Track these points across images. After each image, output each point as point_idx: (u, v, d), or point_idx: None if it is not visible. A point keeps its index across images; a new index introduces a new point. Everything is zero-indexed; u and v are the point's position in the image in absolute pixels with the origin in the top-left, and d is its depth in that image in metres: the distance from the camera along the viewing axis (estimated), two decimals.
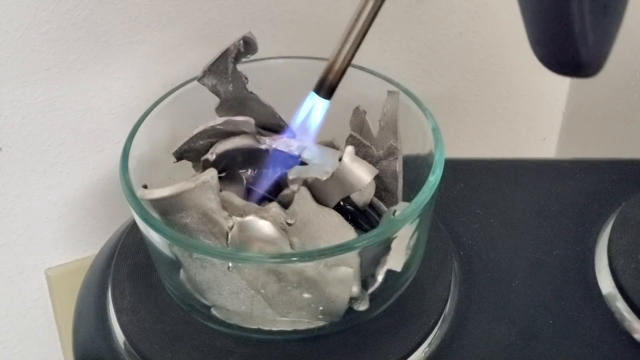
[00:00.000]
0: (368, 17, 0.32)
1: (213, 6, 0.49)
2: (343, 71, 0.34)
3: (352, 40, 0.33)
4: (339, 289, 0.33)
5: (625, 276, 0.38)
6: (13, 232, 0.50)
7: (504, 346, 0.36)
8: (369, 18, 0.32)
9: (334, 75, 0.33)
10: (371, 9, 0.32)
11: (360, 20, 0.33)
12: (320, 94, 0.34)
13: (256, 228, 0.33)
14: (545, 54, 0.25)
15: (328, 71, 0.33)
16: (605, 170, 0.46)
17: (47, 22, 0.44)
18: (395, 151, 0.38)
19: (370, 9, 0.32)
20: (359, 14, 0.33)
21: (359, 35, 0.33)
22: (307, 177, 0.35)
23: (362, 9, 0.32)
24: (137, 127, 0.37)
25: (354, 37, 0.33)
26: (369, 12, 0.32)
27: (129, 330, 0.36)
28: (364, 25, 0.33)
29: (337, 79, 0.34)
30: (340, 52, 0.33)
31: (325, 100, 0.34)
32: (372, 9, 0.32)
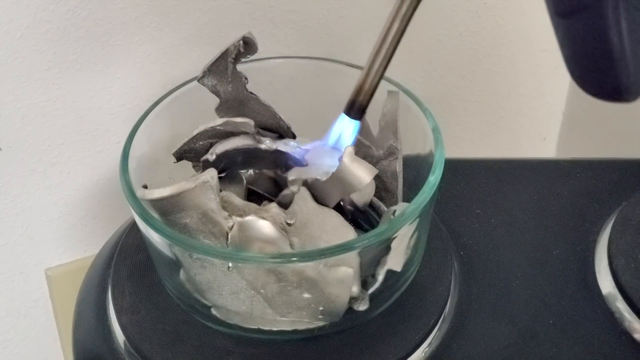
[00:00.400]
0: (396, 35, 0.32)
1: (213, 6, 0.49)
2: (373, 91, 0.33)
3: (381, 59, 0.33)
4: (339, 289, 0.33)
5: (625, 276, 0.38)
6: (13, 232, 0.50)
7: (504, 346, 0.36)
8: (396, 36, 0.32)
9: (363, 95, 0.33)
10: (398, 27, 0.32)
11: (388, 39, 0.32)
12: (350, 115, 0.34)
13: (256, 228, 0.33)
14: (585, 81, 0.25)
15: (358, 92, 0.33)
16: (605, 170, 0.46)
17: (47, 22, 0.44)
18: (395, 151, 0.38)
19: (398, 27, 0.32)
20: (387, 32, 0.32)
21: (388, 53, 0.32)
22: (307, 178, 0.35)
23: (390, 26, 0.32)
24: (137, 127, 0.37)
25: (383, 55, 0.32)
26: (397, 30, 0.32)
27: (129, 330, 0.36)
28: (392, 43, 0.32)
29: (368, 99, 0.33)
30: (370, 72, 0.33)
31: (356, 121, 0.34)
32: (400, 26, 0.32)
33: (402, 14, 0.31)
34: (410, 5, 0.31)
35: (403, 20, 0.32)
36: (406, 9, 0.31)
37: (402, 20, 0.32)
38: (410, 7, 0.31)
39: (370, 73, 0.33)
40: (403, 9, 0.31)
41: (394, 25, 0.32)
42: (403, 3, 0.31)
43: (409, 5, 0.31)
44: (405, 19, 0.32)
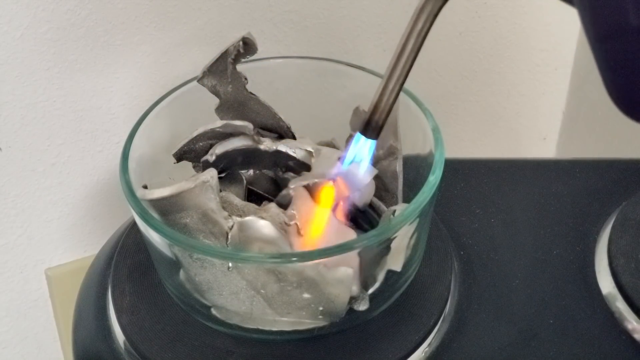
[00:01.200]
0: (412, 52, 0.31)
1: (213, 6, 0.49)
2: (389, 110, 0.33)
3: (396, 77, 0.32)
4: (339, 289, 0.33)
5: (625, 276, 0.38)
6: (13, 232, 0.50)
7: (504, 346, 0.36)
8: (412, 53, 0.31)
9: (379, 114, 0.33)
10: (414, 44, 0.31)
11: (403, 56, 0.31)
12: (367, 135, 0.33)
13: (256, 228, 0.32)
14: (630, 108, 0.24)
15: (374, 112, 0.33)
16: (605, 170, 0.46)
17: (47, 22, 0.44)
18: (395, 151, 0.38)
19: (413, 44, 0.31)
20: (402, 49, 0.31)
21: (404, 71, 0.32)
22: (308, 183, 0.35)
23: (405, 43, 0.31)
24: (137, 127, 0.37)
25: (398, 73, 0.32)
26: (412, 47, 0.31)
27: (129, 330, 0.36)
28: (408, 60, 0.31)
29: (384, 119, 0.33)
30: (385, 90, 0.32)
31: (372, 140, 0.34)
32: (415, 43, 0.31)
33: (417, 30, 0.30)
34: (426, 21, 0.30)
35: (419, 36, 0.31)
36: (422, 26, 0.30)
37: (417, 36, 0.31)
38: (427, 23, 0.30)
39: (385, 92, 0.32)
40: (419, 25, 0.30)
41: (409, 42, 0.31)
42: (419, 19, 0.30)
43: (425, 21, 0.30)
44: (422, 35, 0.31)
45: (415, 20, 0.30)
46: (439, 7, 0.29)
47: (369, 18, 0.55)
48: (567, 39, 0.64)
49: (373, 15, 0.55)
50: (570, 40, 0.64)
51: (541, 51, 0.64)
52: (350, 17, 0.55)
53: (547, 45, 0.64)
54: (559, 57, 0.65)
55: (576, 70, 0.65)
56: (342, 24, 0.55)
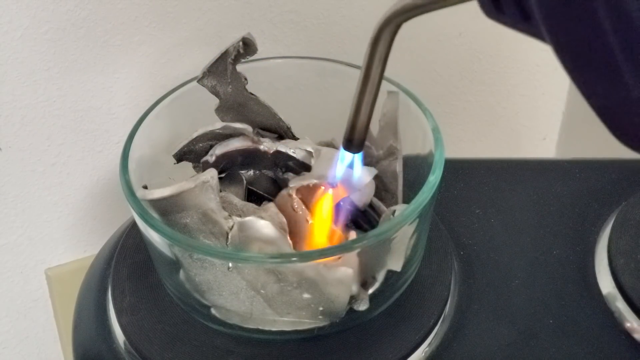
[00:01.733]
0: (375, 76, 0.31)
1: (213, 6, 0.49)
2: (366, 127, 0.33)
3: (367, 97, 0.32)
4: (339, 289, 0.33)
5: (625, 276, 0.38)
6: (13, 232, 0.50)
7: (504, 346, 0.36)
8: (377, 78, 0.31)
9: (358, 133, 0.33)
10: (376, 69, 0.31)
11: (368, 82, 0.31)
12: (351, 150, 0.34)
13: (256, 228, 0.32)
14: None
15: (352, 131, 0.33)
16: (605, 170, 0.46)
17: (47, 22, 0.44)
18: (395, 151, 0.38)
19: (376, 69, 0.31)
20: (366, 76, 0.31)
21: (372, 93, 0.32)
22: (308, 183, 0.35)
23: (367, 70, 0.31)
24: (137, 127, 0.37)
25: (368, 93, 0.32)
26: (375, 72, 0.31)
27: (129, 330, 0.36)
28: (374, 85, 0.31)
29: (363, 135, 0.33)
30: (358, 111, 0.32)
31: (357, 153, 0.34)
32: (378, 69, 0.31)
33: (378, 56, 0.30)
34: (385, 47, 0.30)
35: (380, 61, 0.31)
36: (382, 50, 0.30)
37: (379, 61, 0.31)
38: (386, 47, 0.30)
39: (359, 112, 0.32)
40: (378, 50, 0.30)
41: (372, 67, 0.31)
42: (377, 45, 0.30)
43: (384, 46, 0.30)
44: (383, 59, 0.31)
45: (373, 47, 0.30)
46: (396, 32, 0.30)
47: (368, 18, 0.55)
48: None
49: (373, 15, 0.55)
50: None
51: (541, 51, 0.64)
52: (350, 17, 0.55)
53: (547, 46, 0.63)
54: None
55: None
56: (342, 24, 0.55)
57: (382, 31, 0.29)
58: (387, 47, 0.30)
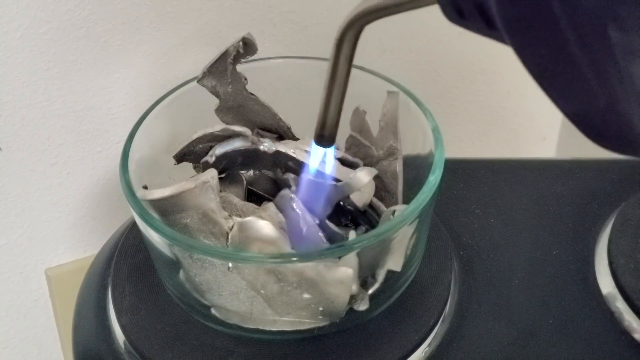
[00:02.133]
0: (342, 75, 0.31)
1: (213, 6, 0.49)
2: (336, 122, 0.33)
3: (335, 95, 0.32)
4: (339, 289, 0.33)
5: (625, 276, 0.38)
6: (13, 232, 0.50)
7: (503, 346, 0.36)
8: (343, 77, 0.31)
9: (328, 129, 0.33)
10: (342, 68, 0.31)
11: (335, 81, 0.32)
12: (323, 145, 0.34)
13: (256, 228, 0.32)
14: None
15: (322, 127, 0.33)
16: (605, 170, 0.46)
17: (47, 22, 0.44)
18: (395, 151, 0.38)
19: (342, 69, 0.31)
20: (332, 76, 0.32)
21: (340, 92, 0.32)
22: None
23: (334, 70, 0.31)
24: (137, 127, 0.37)
25: (336, 91, 0.32)
26: (341, 72, 0.31)
27: (129, 330, 0.36)
28: (341, 84, 0.32)
29: (334, 130, 0.33)
30: (327, 108, 0.33)
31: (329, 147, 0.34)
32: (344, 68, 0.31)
33: (344, 55, 0.31)
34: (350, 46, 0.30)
35: (346, 60, 0.31)
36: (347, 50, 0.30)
37: (345, 60, 0.31)
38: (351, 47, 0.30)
39: (328, 108, 0.33)
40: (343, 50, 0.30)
41: (338, 67, 0.31)
42: (342, 45, 0.30)
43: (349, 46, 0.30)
44: (348, 59, 0.31)
45: (338, 48, 0.30)
46: (360, 33, 0.30)
47: None
48: None
49: None
50: None
51: None
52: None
53: None
54: None
55: None
56: None
57: (345, 33, 0.30)
58: (351, 47, 0.30)
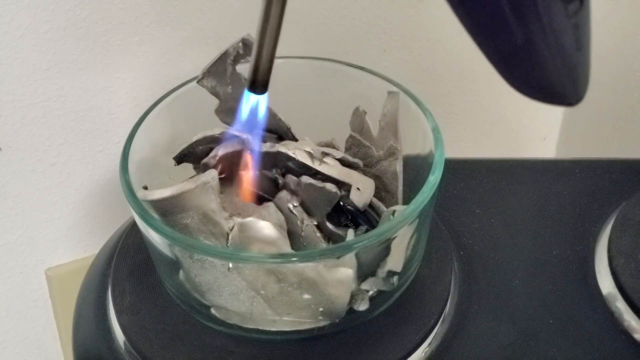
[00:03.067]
0: (275, 17, 0.32)
1: (213, 6, 0.49)
2: (270, 66, 0.33)
3: (268, 38, 0.33)
4: (339, 289, 0.33)
5: (625, 276, 0.38)
6: (13, 232, 0.50)
7: (504, 346, 0.36)
8: (277, 18, 0.32)
9: (261, 73, 0.33)
10: (275, 10, 0.32)
11: (269, 22, 0.32)
12: (255, 92, 0.34)
13: (256, 229, 0.33)
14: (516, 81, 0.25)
15: (255, 72, 0.33)
16: (605, 170, 0.46)
17: (47, 22, 0.44)
18: (395, 151, 0.38)
19: (275, 10, 0.32)
20: (265, 16, 0.32)
21: (273, 34, 0.32)
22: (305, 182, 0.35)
23: (267, 10, 0.32)
24: (137, 127, 0.37)
25: (269, 34, 0.32)
26: (275, 13, 0.32)
27: (129, 330, 0.36)
28: (275, 25, 0.32)
29: (267, 75, 0.33)
30: (260, 52, 0.33)
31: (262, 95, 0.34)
32: (277, 10, 0.32)
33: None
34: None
35: (279, 2, 0.32)
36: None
37: (277, 2, 0.32)
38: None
39: (261, 53, 0.33)
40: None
41: (271, 8, 0.32)
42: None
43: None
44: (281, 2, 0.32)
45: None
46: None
47: (368, 18, 0.55)
48: None
49: (373, 15, 0.55)
50: None
51: None
52: (350, 17, 0.55)
53: None
54: None
55: None
56: (342, 24, 0.55)
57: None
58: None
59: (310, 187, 0.35)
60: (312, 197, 0.36)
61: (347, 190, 0.37)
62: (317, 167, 0.37)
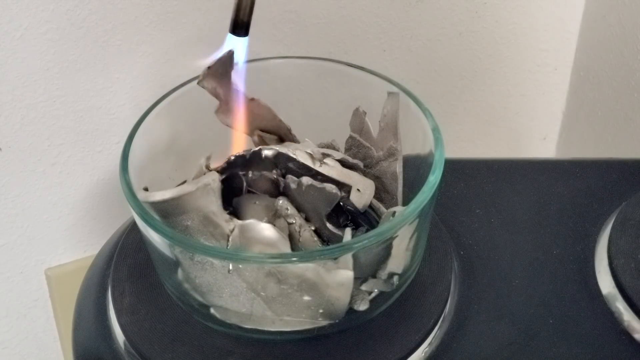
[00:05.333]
0: None
1: (213, 6, 0.49)
2: (252, 6, 0.35)
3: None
4: (339, 291, 0.33)
5: (625, 276, 0.38)
6: (13, 232, 0.50)
7: (504, 346, 0.36)
8: None
9: (243, 12, 0.35)
10: None
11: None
12: (237, 33, 0.35)
13: (257, 230, 0.32)
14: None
15: (237, 10, 0.35)
16: (605, 170, 0.46)
17: (47, 22, 0.44)
18: (395, 152, 0.38)
19: None
20: None
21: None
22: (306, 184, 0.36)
23: None
24: (137, 127, 0.37)
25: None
26: None
27: (129, 331, 0.36)
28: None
29: (248, 16, 0.35)
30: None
31: (244, 37, 0.36)
32: None
33: None
34: None
35: None
36: None
37: None
38: None
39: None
40: None
41: None
42: None
43: None
44: None
45: None
46: None
47: (369, 18, 0.55)
48: (567, 39, 0.64)
49: (373, 15, 0.55)
50: (570, 40, 0.64)
51: (541, 51, 0.64)
52: (350, 17, 0.55)
53: (547, 45, 0.64)
54: (559, 57, 0.65)
55: (576, 70, 0.65)
56: (342, 24, 0.55)
57: None
58: None
59: (310, 188, 0.35)
60: (312, 198, 0.36)
61: (347, 191, 0.37)
62: (318, 168, 0.37)
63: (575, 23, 0.63)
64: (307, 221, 0.36)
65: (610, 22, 0.59)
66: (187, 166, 0.40)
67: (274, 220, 0.36)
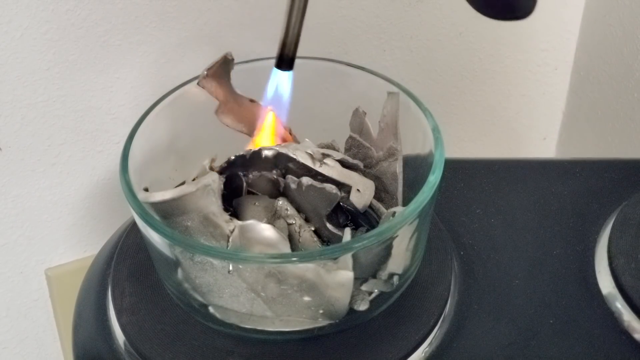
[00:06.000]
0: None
1: (213, 6, 0.49)
2: (296, 42, 0.35)
3: (296, 13, 0.34)
4: (340, 292, 0.33)
5: (625, 276, 0.38)
6: (13, 232, 0.50)
7: (504, 345, 0.36)
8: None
9: (288, 48, 0.35)
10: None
11: None
12: (282, 68, 0.36)
13: (257, 231, 0.32)
14: None
15: (283, 46, 0.35)
16: (605, 170, 0.46)
17: (47, 22, 0.44)
18: (395, 152, 0.38)
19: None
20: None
21: (300, 7, 0.34)
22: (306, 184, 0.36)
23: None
24: (137, 127, 0.37)
25: (297, 8, 0.34)
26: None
27: (129, 331, 0.36)
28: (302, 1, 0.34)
29: (294, 51, 0.35)
30: (289, 27, 0.34)
31: (288, 72, 0.36)
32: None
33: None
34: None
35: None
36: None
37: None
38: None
39: (289, 28, 0.35)
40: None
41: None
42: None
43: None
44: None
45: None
46: None
47: (368, 18, 0.55)
48: (567, 39, 0.64)
49: (373, 15, 0.55)
50: (570, 40, 0.64)
51: (541, 51, 0.64)
52: (350, 17, 0.55)
53: (547, 45, 0.64)
54: (559, 57, 0.65)
55: (576, 70, 0.65)
56: (342, 24, 0.55)
57: None
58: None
59: (310, 188, 0.35)
60: (312, 198, 0.36)
61: (347, 191, 0.37)
62: (318, 168, 0.37)
63: (575, 23, 0.63)
64: (307, 221, 0.36)
65: (610, 22, 0.59)
66: (187, 166, 0.40)
67: (273, 220, 0.36)
